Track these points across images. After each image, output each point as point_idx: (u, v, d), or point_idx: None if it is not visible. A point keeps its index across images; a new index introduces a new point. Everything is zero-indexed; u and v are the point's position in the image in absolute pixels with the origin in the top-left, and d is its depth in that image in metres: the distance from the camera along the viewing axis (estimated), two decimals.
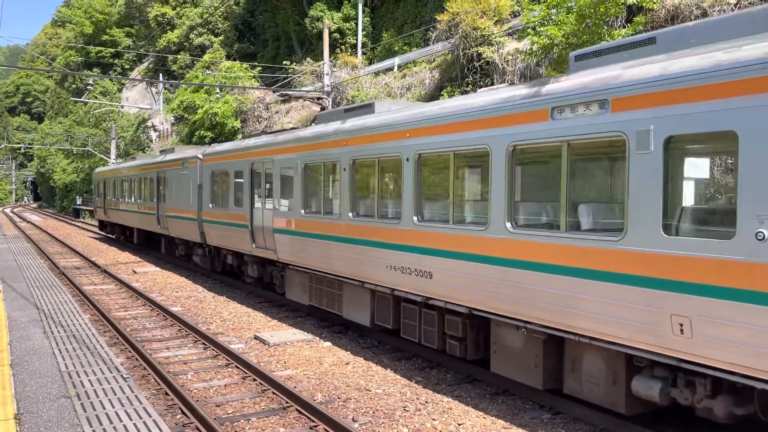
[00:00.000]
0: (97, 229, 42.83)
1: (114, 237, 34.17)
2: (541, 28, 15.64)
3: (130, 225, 28.95)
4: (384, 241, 10.01)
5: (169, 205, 21.85)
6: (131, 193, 27.84)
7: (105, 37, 72.63)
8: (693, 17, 15.24)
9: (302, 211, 12.62)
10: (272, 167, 13.99)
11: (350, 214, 10.96)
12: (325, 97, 26.02)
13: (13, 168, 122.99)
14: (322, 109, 26.33)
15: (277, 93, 33.99)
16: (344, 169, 11.12)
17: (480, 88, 20.13)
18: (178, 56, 51.40)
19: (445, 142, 8.82)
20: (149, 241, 27.78)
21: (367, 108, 11.63)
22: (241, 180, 15.60)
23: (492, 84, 20.19)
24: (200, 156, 18.92)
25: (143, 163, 26.59)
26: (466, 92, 20.78)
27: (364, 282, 10.75)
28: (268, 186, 14.41)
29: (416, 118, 9.50)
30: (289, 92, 32.24)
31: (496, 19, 21.52)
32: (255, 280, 16.47)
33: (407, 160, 9.47)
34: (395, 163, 10.08)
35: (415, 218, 9.33)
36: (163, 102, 55.33)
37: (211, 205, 17.83)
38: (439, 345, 9.43)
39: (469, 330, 8.93)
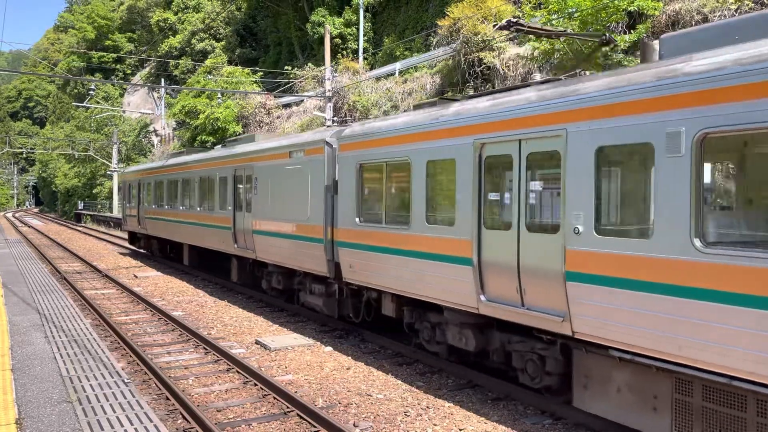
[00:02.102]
0: (98, 233, 42.87)
1: (149, 253, 27.72)
2: None
3: (180, 240, 22.13)
4: None
5: (259, 215, 15.01)
6: (184, 199, 21.00)
7: (107, 42, 72.93)
8: (693, 23, 15.29)
9: (696, 242, 5.81)
10: (563, 149, 7.12)
11: None
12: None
13: (15, 173, 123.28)
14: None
15: (279, 98, 34.08)
16: None
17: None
18: (180, 61, 51.63)
19: None
20: (203, 259, 21.62)
21: None
22: (451, 178, 8.94)
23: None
24: (329, 140, 12.26)
25: (207, 158, 19.46)
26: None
27: None
28: (539, 186, 7.78)
29: None
30: (290, 97, 32.32)
31: (497, 24, 21.58)
32: (447, 351, 9.87)
33: None
34: None
35: None
36: (165, 107, 55.52)
37: (358, 219, 11.10)
38: None
39: None
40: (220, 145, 21.64)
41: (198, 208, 19.48)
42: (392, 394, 9.02)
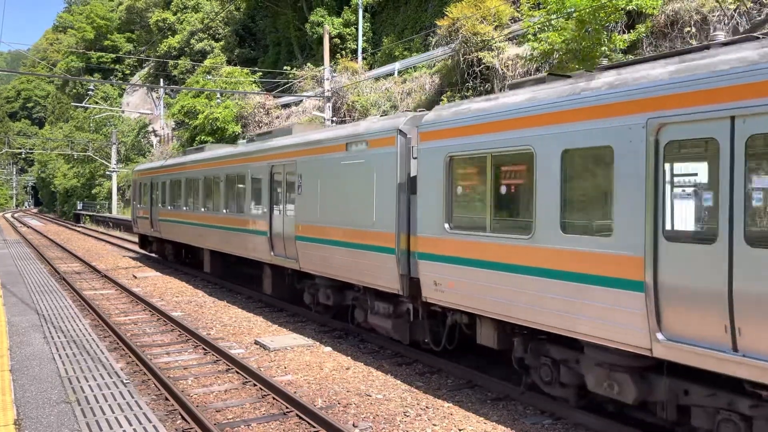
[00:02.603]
0: (97, 234, 42.85)
1: (162, 258, 25.52)
2: (541, 34, 15.70)
3: (201, 246, 19.97)
4: None
5: (305, 219, 12.79)
6: (207, 199, 18.88)
7: (106, 43, 72.97)
8: (692, 22, 15.30)
9: None
10: None
11: None
12: None
13: (14, 173, 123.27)
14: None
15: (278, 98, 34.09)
16: None
17: (481, 93, 20.27)
18: (179, 61, 51.65)
19: None
20: (227, 267, 19.71)
21: None
22: (605, 171, 6.82)
23: (492, 90, 20.27)
24: (404, 129, 10.08)
25: (235, 153, 17.15)
26: (466, 97, 20.85)
27: None
28: None
29: None
30: (289, 97, 32.33)
31: (496, 24, 21.62)
32: (577, 395, 7.77)
33: None
34: None
35: None
36: (164, 107, 55.55)
37: (448, 225, 8.88)
38: None
39: None
40: (244, 140, 19.46)
41: (224, 210, 17.28)
42: (391, 394, 9.01)
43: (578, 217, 7.16)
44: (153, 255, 26.68)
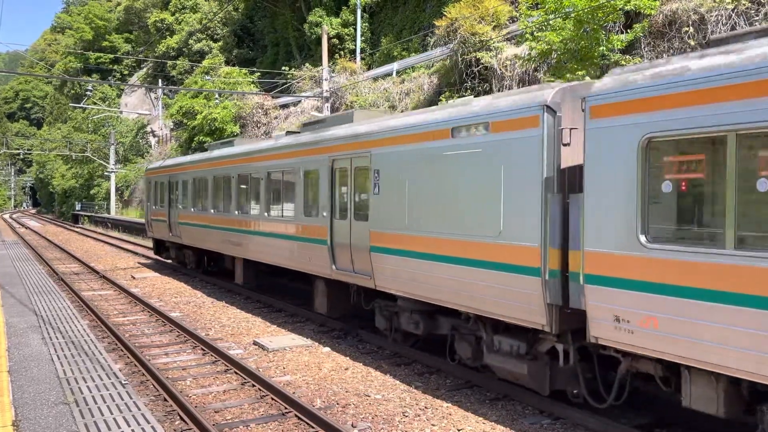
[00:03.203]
0: (96, 234, 42.80)
1: (179, 266, 23.11)
2: (539, 34, 15.71)
3: (233, 254, 17.31)
4: None
5: (385, 225, 10.33)
6: (241, 201, 16.35)
7: (104, 43, 72.94)
8: (691, 23, 15.32)
9: None
10: None
11: None
12: None
13: (12, 174, 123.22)
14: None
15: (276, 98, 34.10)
16: None
17: (479, 93, 20.29)
18: (177, 62, 51.62)
19: None
20: (261, 278, 17.48)
21: None
22: None
23: (491, 90, 20.29)
24: (552, 104, 7.46)
25: (280, 146, 14.52)
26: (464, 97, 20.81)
27: None
28: None
29: None
30: (288, 97, 32.34)
31: (494, 24, 21.62)
32: None
33: None
34: None
35: None
36: (162, 107, 55.56)
37: (644, 237, 6.33)
38: None
39: None
40: (283, 133, 17.02)
41: (265, 214, 14.80)
42: (390, 394, 9.01)
43: None
44: (169, 261, 24.31)
